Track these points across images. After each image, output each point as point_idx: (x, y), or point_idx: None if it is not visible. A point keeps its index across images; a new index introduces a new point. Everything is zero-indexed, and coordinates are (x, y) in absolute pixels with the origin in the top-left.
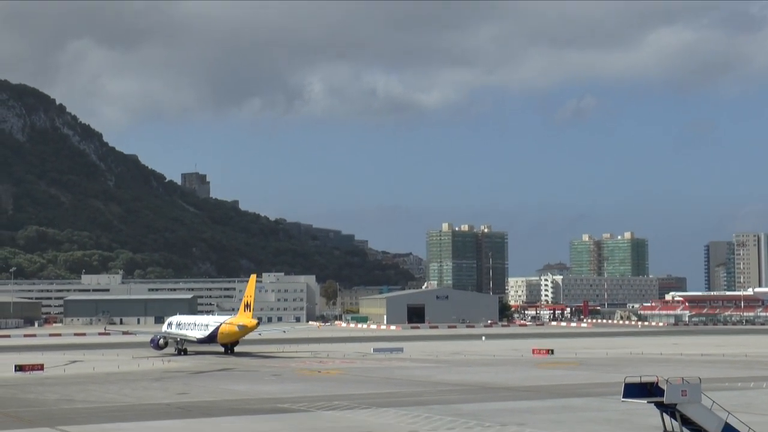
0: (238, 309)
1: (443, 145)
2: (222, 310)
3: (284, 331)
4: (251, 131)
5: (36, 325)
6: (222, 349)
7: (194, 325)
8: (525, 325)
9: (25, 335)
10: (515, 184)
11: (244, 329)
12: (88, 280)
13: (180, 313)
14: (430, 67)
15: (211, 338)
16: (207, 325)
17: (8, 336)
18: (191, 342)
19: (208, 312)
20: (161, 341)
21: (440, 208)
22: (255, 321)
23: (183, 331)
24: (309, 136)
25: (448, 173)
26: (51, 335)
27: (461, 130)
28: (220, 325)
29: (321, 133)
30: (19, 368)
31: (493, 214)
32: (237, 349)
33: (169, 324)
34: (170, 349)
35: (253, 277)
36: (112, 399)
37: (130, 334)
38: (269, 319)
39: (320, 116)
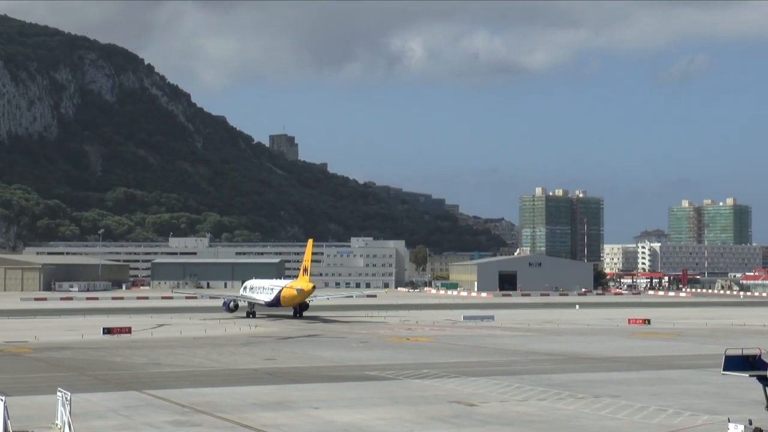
0: (324, 273)
1: (541, 108)
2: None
3: (353, 296)
4: (347, 94)
5: (123, 287)
6: (291, 312)
7: (263, 289)
8: (620, 294)
9: (113, 298)
10: (613, 148)
11: (302, 293)
12: (175, 243)
13: (268, 278)
14: (534, 28)
15: (276, 301)
16: (272, 289)
17: (96, 298)
18: (260, 305)
19: (295, 277)
20: (231, 304)
21: (534, 173)
22: (311, 285)
23: (253, 294)
24: (405, 99)
25: (544, 136)
26: (138, 298)
27: (562, 92)
28: (282, 288)
29: (417, 97)
30: (108, 331)
31: (588, 180)
32: (310, 313)
33: (245, 288)
34: (243, 312)
35: (310, 242)
36: (199, 363)
37: (194, 297)
38: (357, 285)
39: (419, 79)
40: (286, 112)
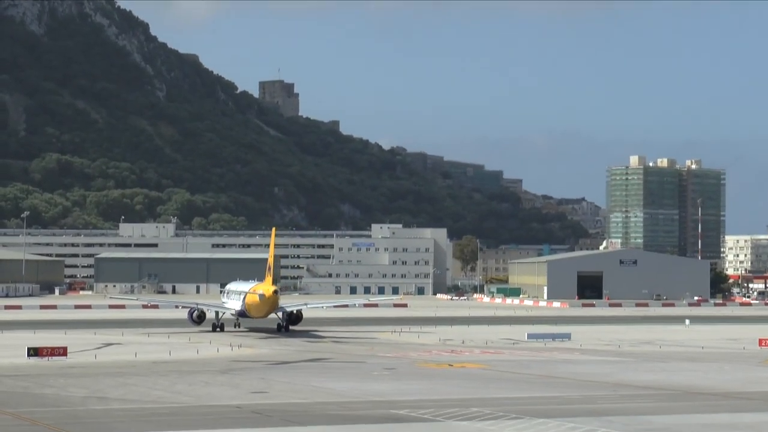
0: (335, 274)
1: (638, 45)
2: (314, 275)
3: (355, 305)
4: (368, 27)
5: (57, 292)
6: (273, 326)
7: (236, 294)
8: (748, 305)
9: (42, 306)
10: (741, 102)
11: (265, 300)
12: (128, 231)
13: (256, 280)
14: None
15: (244, 310)
16: (242, 294)
17: (19, 307)
18: (231, 316)
19: (295, 278)
20: (195, 314)
21: (629, 136)
22: (272, 289)
23: (224, 302)
24: (448, 36)
25: (642, 86)
26: (77, 307)
27: (668, 22)
28: (246, 293)
29: (465, 32)
30: (34, 352)
31: (704, 146)
32: (305, 327)
33: (225, 293)
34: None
35: (273, 231)
36: (161, 398)
37: (154, 306)
38: (380, 290)
39: (471, 6)
40: (282, 50)
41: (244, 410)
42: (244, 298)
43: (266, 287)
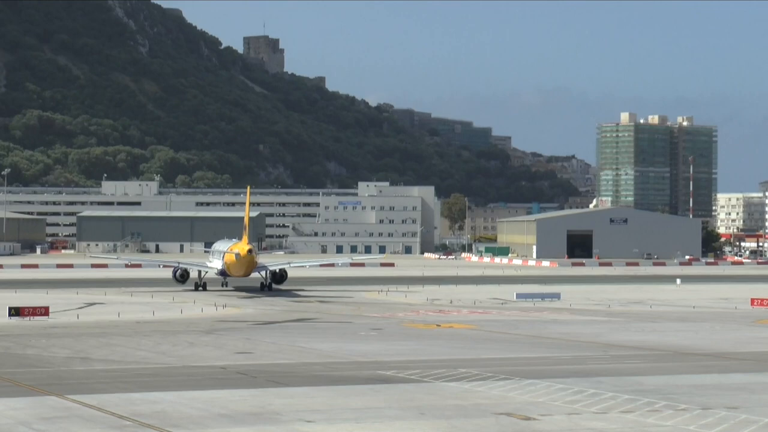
0: (321, 233)
1: (631, 7)
2: (300, 234)
3: (346, 262)
4: None
5: (38, 251)
6: (256, 284)
7: (219, 254)
8: (740, 264)
9: (24, 266)
10: (734, 58)
11: (241, 259)
12: (110, 189)
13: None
14: None
15: (225, 269)
16: (223, 253)
17: (0, 266)
18: (216, 274)
19: (280, 237)
20: (179, 273)
21: (619, 92)
22: (246, 248)
23: (211, 261)
24: None
25: (633, 42)
26: (59, 266)
27: None
28: (224, 253)
29: None
30: (15, 312)
31: (696, 103)
32: (289, 286)
33: (212, 252)
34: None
35: (248, 189)
36: (145, 358)
37: (138, 266)
38: (367, 249)
39: None
40: (267, 5)
41: (229, 371)
42: (224, 257)
43: (241, 246)
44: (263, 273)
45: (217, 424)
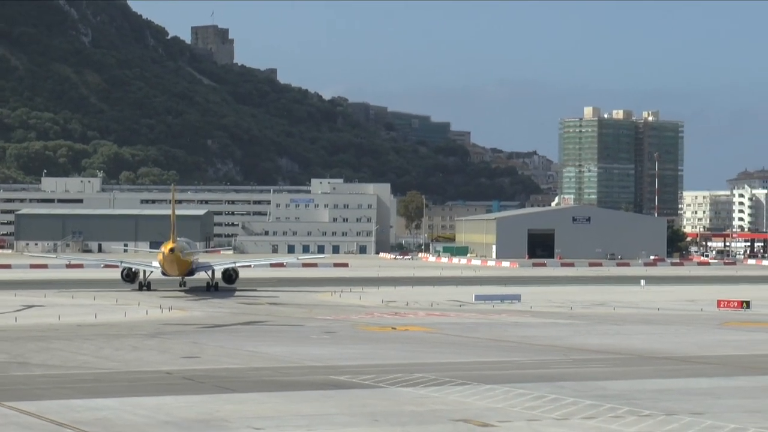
0: (272, 232)
1: None
2: (250, 233)
3: (296, 260)
4: None
5: None
6: (205, 285)
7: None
8: (707, 264)
9: None
10: (702, 51)
11: (166, 258)
12: (51, 185)
13: (190, 237)
14: None
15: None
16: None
17: None
18: (160, 274)
19: (229, 236)
20: (125, 272)
21: (582, 86)
22: (169, 246)
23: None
24: None
25: (600, 38)
26: None
27: None
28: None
29: None
30: None
31: (662, 97)
32: (241, 288)
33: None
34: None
35: (172, 187)
36: (86, 363)
37: (79, 266)
38: (320, 248)
39: None
40: None
41: (175, 376)
42: (158, 256)
43: (166, 245)
44: (209, 273)
45: None
